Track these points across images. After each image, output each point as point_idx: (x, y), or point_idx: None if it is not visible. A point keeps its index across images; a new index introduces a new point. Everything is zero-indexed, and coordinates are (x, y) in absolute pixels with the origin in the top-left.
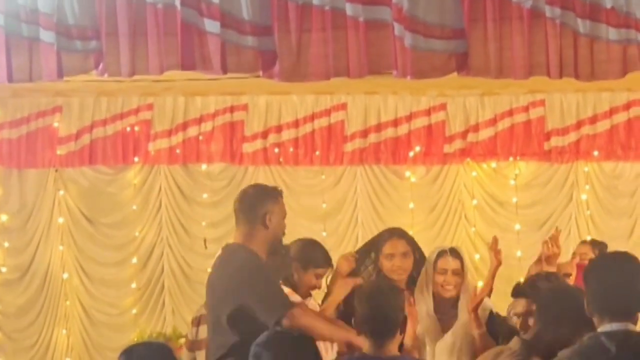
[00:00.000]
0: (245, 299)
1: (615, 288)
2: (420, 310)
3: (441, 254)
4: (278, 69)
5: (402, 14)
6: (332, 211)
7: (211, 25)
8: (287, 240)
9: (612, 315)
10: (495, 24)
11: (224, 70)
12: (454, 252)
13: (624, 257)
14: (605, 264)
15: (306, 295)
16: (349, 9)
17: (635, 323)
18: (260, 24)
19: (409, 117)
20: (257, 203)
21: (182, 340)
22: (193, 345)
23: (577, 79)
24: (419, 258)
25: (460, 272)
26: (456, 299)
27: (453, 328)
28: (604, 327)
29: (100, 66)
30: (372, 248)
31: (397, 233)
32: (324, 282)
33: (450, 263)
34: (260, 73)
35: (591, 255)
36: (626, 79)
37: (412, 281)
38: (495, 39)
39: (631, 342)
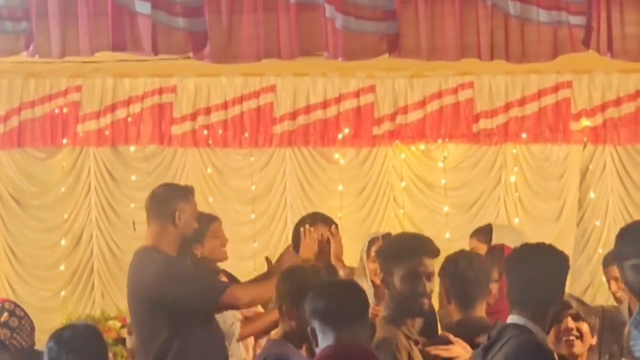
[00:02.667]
0: (173, 298)
1: (524, 282)
2: None
3: (373, 241)
4: (209, 51)
5: None
6: (261, 193)
7: (142, 6)
8: None
9: (519, 308)
10: (426, 5)
11: (155, 51)
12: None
13: (536, 251)
14: (518, 257)
15: (225, 257)
16: None
17: (542, 315)
18: (191, 5)
19: (338, 99)
20: (167, 201)
21: (111, 323)
22: None
23: (507, 60)
24: None
25: None
26: None
27: None
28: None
29: (31, 47)
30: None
31: (319, 218)
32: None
33: None
34: (191, 54)
35: (480, 245)
36: (554, 62)
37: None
38: (427, 21)
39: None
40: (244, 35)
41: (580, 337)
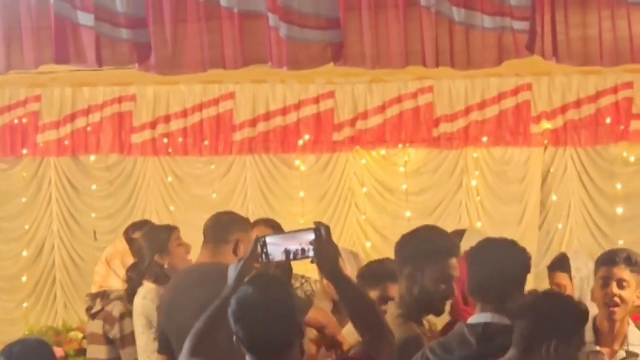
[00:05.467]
0: None
1: (485, 275)
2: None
3: None
4: (153, 61)
5: (276, 4)
6: (222, 201)
7: (85, 18)
8: None
9: (481, 303)
10: (370, 13)
11: (99, 63)
12: None
13: (498, 245)
14: (479, 250)
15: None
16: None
17: (501, 310)
18: (134, 16)
19: (298, 106)
20: (231, 230)
21: (72, 334)
22: (123, 342)
23: (453, 67)
24: None
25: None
26: None
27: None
28: (471, 318)
29: None
30: None
31: (263, 221)
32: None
33: None
34: (136, 65)
35: None
36: (514, 64)
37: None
38: (371, 28)
39: (490, 334)
40: (188, 45)
41: None
